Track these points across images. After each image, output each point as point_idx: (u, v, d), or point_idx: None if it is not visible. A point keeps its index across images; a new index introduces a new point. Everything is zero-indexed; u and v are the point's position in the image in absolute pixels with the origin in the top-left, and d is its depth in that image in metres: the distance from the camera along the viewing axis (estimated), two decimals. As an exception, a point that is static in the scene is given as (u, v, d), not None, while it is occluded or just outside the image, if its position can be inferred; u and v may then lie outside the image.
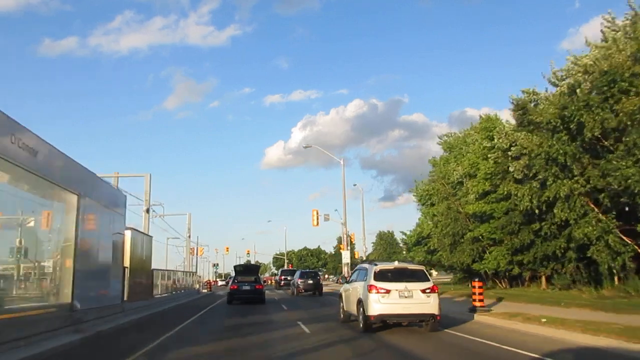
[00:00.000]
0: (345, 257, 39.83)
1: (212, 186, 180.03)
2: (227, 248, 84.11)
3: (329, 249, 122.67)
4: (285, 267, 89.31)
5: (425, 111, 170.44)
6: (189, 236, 33.63)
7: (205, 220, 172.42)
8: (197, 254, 43.88)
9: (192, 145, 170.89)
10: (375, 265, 12.45)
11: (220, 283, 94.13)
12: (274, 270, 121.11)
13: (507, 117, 28.48)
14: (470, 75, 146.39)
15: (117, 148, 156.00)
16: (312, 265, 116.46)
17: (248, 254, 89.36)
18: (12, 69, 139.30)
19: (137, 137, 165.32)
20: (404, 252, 57.58)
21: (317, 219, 41.30)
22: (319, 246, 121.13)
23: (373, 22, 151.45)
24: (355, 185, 56.59)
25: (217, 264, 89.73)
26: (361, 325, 11.97)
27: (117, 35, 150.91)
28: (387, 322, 11.90)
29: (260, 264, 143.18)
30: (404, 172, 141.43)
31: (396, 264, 12.98)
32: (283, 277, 43.66)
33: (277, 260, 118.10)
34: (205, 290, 41.94)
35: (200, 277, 41.46)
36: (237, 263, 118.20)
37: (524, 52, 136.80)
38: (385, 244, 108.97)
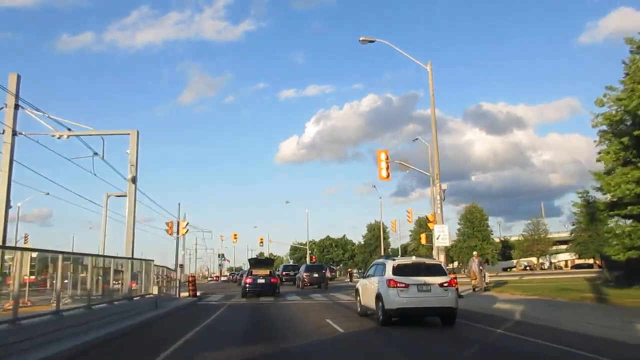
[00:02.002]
0: (442, 236, 21.27)
1: (226, 180, 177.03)
2: (235, 235, 66.26)
3: (357, 238, 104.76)
4: (308, 260, 71.91)
5: (440, 106, 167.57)
6: (134, 179, 15.11)
7: (218, 212, 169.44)
8: (177, 231, 25.94)
9: (206, 140, 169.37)
10: (394, 259, 12.76)
11: (223, 278, 76.53)
12: (291, 263, 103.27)
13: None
14: (485, 71, 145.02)
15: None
16: (336, 258, 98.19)
17: (261, 242, 71.50)
18: (30, 64, 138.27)
19: (152, 131, 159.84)
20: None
21: (387, 168, 22.85)
22: (344, 235, 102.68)
23: (388, 17, 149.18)
24: (415, 139, 36.24)
25: (223, 255, 71.68)
26: (380, 319, 11.99)
27: (133, 30, 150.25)
28: (406, 315, 11.88)
29: (275, 256, 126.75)
30: (417, 167, 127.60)
31: (414, 258, 13.91)
32: (285, 273, 41.31)
33: (296, 251, 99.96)
34: (187, 295, 23.65)
35: (174, 271, 22.63)
36: (250, 255, 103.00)
37: (537, 48, 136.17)
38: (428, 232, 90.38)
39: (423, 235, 38.98)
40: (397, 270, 12.05)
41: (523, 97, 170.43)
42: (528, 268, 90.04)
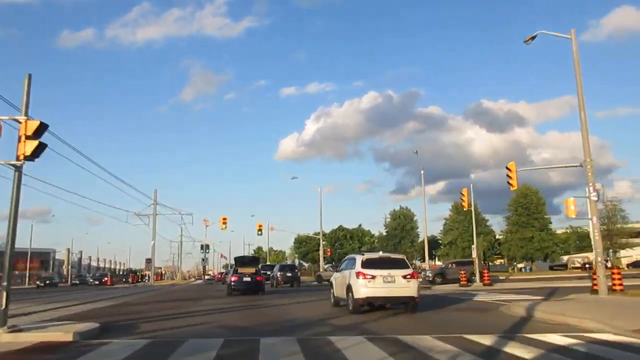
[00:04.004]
0: None
1: (226, 177, 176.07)
2: (225, 219, 48.42)
3: (377, 227, 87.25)
4: (321, 253, 54.50)
5: (441, 104, 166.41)
6: None
7: (219, 209, 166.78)
8: (17, 155, 9.07)
9: (207, 137, 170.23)
10: (363, 255, 13.92)
11: (207, 277, 58.76)
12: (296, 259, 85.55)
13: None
14: (486, 68, 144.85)
15: (135, 140, 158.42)
16: (351, 252, 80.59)
17: (259, 230, 53.59)
18: (31, 60, 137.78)
19: (152, 130, 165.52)
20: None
21: None
22: (360, 225, 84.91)
23: (390, 16, 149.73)
24: (531, 40, 16.58)
25: (207, 246, 53.68)
26: (350, 308, 13.07)
27: (134, 27, 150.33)
28: (372, 304, 13.15)
29: (278, 251, 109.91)
30: (417, 165, 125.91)
31: (381, 253, 14.44)
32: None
33: (302, 245, 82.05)
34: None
35: None
36: (248, 250, 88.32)
37: (538, 45, 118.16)
38: (468, 222, 72.31)
39: (571, 201, 21.60)
40: (366, 264, 12.97)
41: (524, 95, 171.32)
42: (587, 267, 71.75)
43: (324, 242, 56.84)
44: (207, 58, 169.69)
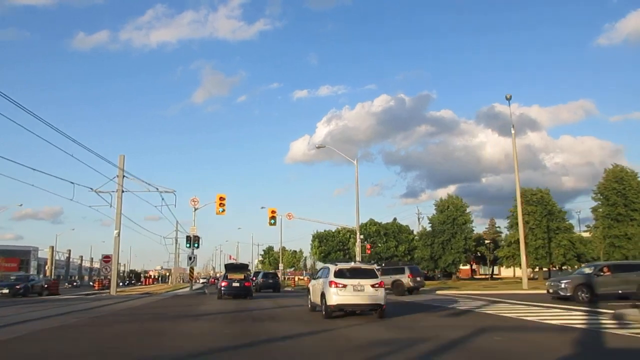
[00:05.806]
0: None
1: (236, 177, 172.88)
2: (222, 198, 33.26)
3: (413, 222, 71.65)
4: (358, 250, 39.67)
5: (453, 107, 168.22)
6: None
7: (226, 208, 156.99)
8: None
9: (218, 139, 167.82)
10: (336, 265, 14.74)
11: (202, 280, 43.82)
12: (320, 265, 70.15)
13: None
14: (498, 72, 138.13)
15: (142, 142, 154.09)
16: (386, 252, 64.51)
17: (272, 218, 38.56)
18: (47, 62, 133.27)
19: (164, 131, 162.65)
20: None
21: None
22: (394, 219, 68.84)
23: (403, 19, 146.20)
24: None
25: (197, 239, 38.25)
26: (323, 313, 14.09)
27: (148, 29, 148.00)
28: (343, 310, 14.12)
29: (293, 252, 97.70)
30: (428, 168, 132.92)
31: (352, 264, 15.59)
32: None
33: (322, 243, 66.48)
34: None
35: None
36: (258, 249, 77.02)
37: (554, 49, 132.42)
38: (540, 212, 56.54)
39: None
40: (338, 273, 14.00)
41: (537, 99, 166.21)
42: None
43: (360, 237, 41.12)
44: (220, 60, 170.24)
